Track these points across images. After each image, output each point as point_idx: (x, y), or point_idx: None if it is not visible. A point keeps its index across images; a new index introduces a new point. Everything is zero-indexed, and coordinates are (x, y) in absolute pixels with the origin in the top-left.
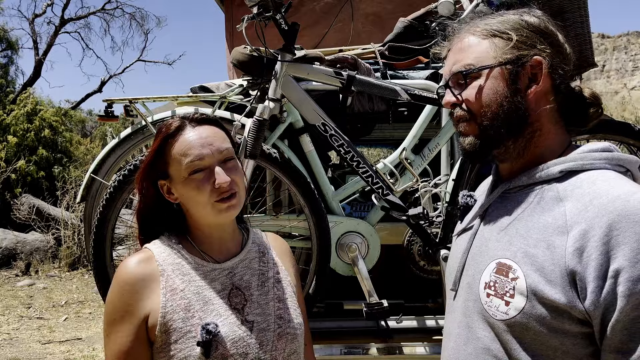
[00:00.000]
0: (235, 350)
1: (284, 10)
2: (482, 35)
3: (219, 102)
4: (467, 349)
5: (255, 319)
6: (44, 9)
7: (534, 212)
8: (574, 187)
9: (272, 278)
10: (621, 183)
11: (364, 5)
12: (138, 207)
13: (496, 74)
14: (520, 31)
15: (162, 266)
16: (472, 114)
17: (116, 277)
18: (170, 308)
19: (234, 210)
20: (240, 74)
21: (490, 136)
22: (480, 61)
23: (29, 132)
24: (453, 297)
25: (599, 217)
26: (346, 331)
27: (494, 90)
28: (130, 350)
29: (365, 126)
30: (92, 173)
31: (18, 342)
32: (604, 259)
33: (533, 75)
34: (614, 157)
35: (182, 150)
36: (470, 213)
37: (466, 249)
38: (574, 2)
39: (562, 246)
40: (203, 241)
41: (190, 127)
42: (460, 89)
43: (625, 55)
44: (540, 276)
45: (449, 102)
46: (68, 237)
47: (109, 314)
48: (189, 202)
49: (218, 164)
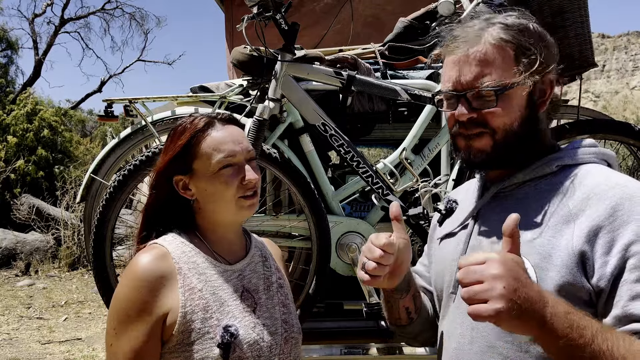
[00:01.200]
0: (250, 353)
1: (284, 10)
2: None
3: (219, 102)
4: (472, 348)
5: (265, 322)
6: (43, 8)
7: (534, 205)
8: (572, 179)
9: (275, 283)
10: (615, 174)
11: (364, 6)
12: (148, 201)
13: (519, 92)
14: (540, 48)
15: (179, 264)
16: (492, 129)
17: (131, 273)
18: (190, 308)
19: (253, 208)
20: (240, 74)
21: (504, 152)
22: (506, 77)
23: (28, 132)
24: (453, 299)
25: (602, 201)
26: (346, 331)
27: (518, 108)
28: (144, 349)
29: (365, 126)
30: (92, 173)
31: (18, 342)
32: (610, 237)
33: (544, 90)
34: (600, 151)
35: (215, 146)
36: (452, 218)
37: (462, 250)
38: (574, 2)
39: (570, 233)
40: (213, 241)
41: (219, 124)
42: (479, 103)
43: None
44: (547, 263)
45: (464, 115)
46: (68, 237)
47: (122, 310)
48: (211, 198)
49: (246, 162)
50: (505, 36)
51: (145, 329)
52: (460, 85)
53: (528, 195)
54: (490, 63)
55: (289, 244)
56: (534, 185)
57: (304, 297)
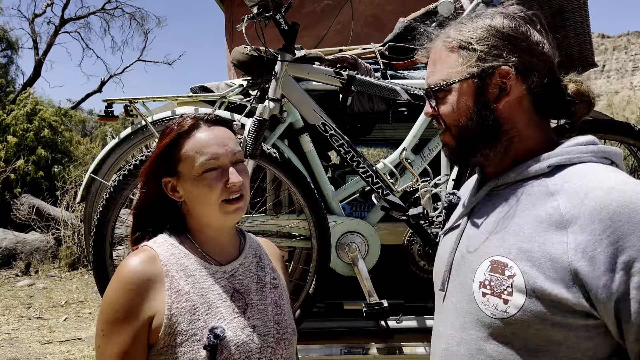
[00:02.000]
0: (239, 354)
1: (284, 10)
2: (450, 48)
3: (219, 102)
4: (460, 350)
5: (256, 323)
6: (43, 8)
7: (525, 207)
8: (563, 180)
9: (269, 283)
10: (612, 174)
11: (364, 6)
12: (137, 203)
13: (464, 88)
14: (486, 41)
15: (167, 266)
16: (447, 126)
17: (119, 275)
18: (176, 310)
19: (240, 212)
20: (240, 74)
21: (466, 146)
22: (448, 76)
23: (28, 132)
24: (442, 298)
25: (598, 210)
26: (346, 331)
27: (463, 104)
28: (130, 351)
29: (365, 126)
30: (92, 173)
31: (18, 342)
32: (611, 251)
33: (504, 84)
34: (600, 149)
35: (198, 148)
36: (455, 212)
37: (453, 248)
38: (574, 2)
39: (562, 242)
40: (204, 242)
41: (205, 126)
42: (434, 101)
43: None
44: (538, 272)
45: (427, 112)
46: (68, 237)
47: (110, 313)
48: (196, 200)
49: (231, 164)
50: (453, 35)
51: (132, 332)
52: (427, 85)
53: (519, 196)
54: (436, 61)
55: (289, 244)
56: (526, 186)
57: (304, 297)
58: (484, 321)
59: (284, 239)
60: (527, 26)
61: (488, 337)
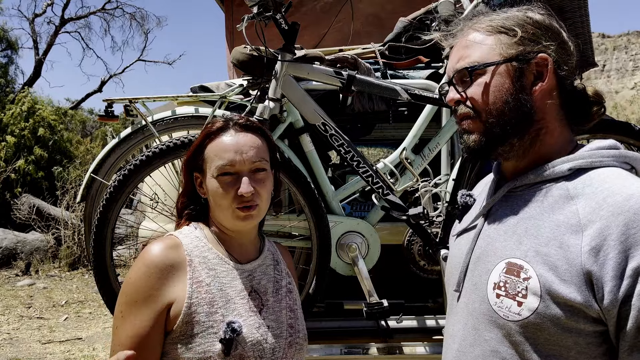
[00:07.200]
0: (252, 352)
1: (284, 10)
2: (486, 32)
3: (219, 102)
4: (474, 351)
5: (270, 324)
6: (44, 8)
7: (543, 210)
8: (584, 185)
9: (285, 287)
10: (633, 180)
11: (364, 6)
12: (180, 192)
13: (502, 70)
14: (525, 27)
15: (190, 256)
16: (477, 111)
17: (142, 259)
18: (196, 300)
19: (251, 220)
20: (240, 74)
21: (495, 134)
22: (485, 58)
23: (24, 131)
24: (457, 298)
25: (615, 215)
26: (346, 331)
27: (500, 87)
28: (147, 334)
29: (365, 126)
30: (92, 173)
31: (18, 342)
32: (621, 258)
33: (539, 73)
34: (621, 154)
35: (216, 151)
36: (470, 213)
37: (469, 249)
38: (574, 2)
39: (577, 245)
40: (225, 239)
41: (233, 130)
42: (464, 87)
43: (625, 55)
44: (554, 275)
45: (453, 99)
46: (68, 237)
47: (130, 294)
48: (214, 200)
49: (247, 173)
50: (490, 22)
51: (151, 315)
52: (452, 72)
53: (538, 199)
54: (469, 46)
55: (289, 244)
56: (545, 188)
57: (304, 297)
58: (498, 323)
59: (284, 239)
60: (561, 23)
61: (502, 339)
